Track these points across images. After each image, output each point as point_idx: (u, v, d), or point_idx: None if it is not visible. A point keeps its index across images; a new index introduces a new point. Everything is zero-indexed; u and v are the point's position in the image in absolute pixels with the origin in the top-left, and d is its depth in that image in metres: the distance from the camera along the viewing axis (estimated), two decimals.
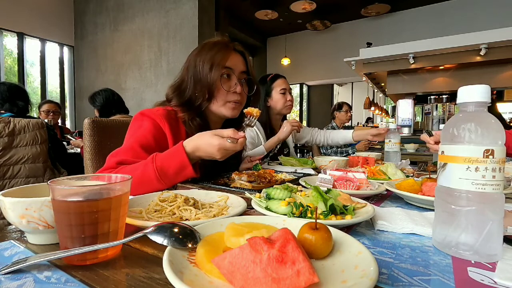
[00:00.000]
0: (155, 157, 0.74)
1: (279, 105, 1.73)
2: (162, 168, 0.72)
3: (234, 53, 0.96)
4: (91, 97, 2.40)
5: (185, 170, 0.74)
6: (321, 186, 0.67)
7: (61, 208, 0.37)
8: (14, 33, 4.69)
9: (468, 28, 4.40)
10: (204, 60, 0.92)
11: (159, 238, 0.37)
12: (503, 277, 0.34)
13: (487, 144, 0.39)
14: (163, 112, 0.91)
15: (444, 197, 0.43)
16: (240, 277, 0.28)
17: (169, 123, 0.89)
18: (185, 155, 0.73)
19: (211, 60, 0.91)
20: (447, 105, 5.37)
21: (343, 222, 0.48)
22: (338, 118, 3.49)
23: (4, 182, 1.50)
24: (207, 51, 0.94)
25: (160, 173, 0.71)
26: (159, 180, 0.72)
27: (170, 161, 0.73)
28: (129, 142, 0.86)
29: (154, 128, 0.88)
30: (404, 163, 1.27)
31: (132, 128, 0.90)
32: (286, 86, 1.74)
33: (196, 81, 0.92)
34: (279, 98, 1.72)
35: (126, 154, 0.83)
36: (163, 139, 0.89)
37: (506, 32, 3.12)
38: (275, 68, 8.54)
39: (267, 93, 1.74)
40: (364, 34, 6.89)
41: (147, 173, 0.72)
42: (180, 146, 0.75)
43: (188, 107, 0.94)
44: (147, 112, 0.90)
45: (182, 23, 4.30)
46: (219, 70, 0.91)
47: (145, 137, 0.86)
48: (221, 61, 0.91)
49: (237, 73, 0.96)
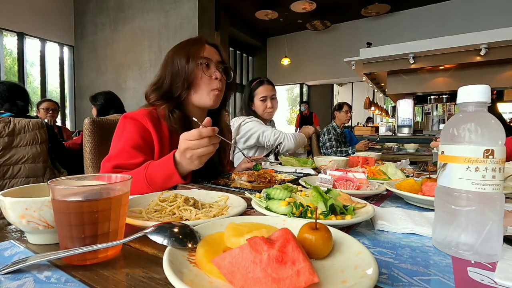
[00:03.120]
0: (148, 165, 0.78)
1: (260, 111, 1.83)
2: (151, 176, 0.76)
3: (208, 46, 1.01)
4: (93, 96, 2.45)
5: (173, 178, 0.76)
6: (321, 186, 0.67)
7: (61, 208, 0.37)
8: (14, 33, 4.69)
9: (468, 28, 4.40)
10: (180, 55, 0.96)
11: (159, 238, 0.37)
12: (503, 277, 0.34)
13: (487, 144, 0.39)
14: (145, 112, 0.94)
15: (444, 197, 0.43)
16: (240, 277, 0.28)
17: (152, 122, 0.93)
18: (173, 164, 0.75)
19: (187, 53, 0.95)
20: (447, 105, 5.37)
21: (343, 222, 0.48)
22: (338, 118, 3.50)
23: (4, 182, 1.50)
24: (182, 47, 0.99)
25: (149, 180, 0.76)
26: (148, 187, 0.76)
27: (159, 170, 0.76)
28: (119, 145, 0.89)
29: (139, 128, 0.91)
30: (404, 163, 1.27)
31: (117, 132, 0.93)
32: (266, 93, 1.81)
33: (174, 75, 0.96)
34: (259, 105, 1.83)
35: (120, 157, 0.86)
36: (149, 137, 0.92)
37: (506, 32, 3.12)
38: (275, 68, 8.54)
39: (250, 98, 1.83)
40: (364, 34, 6.90)
41: (137, 179, 0.76)
42: (171, 155, 0.77)
43: (167, 99, 0.97)
44: (130, 114, 0.94)
45: (182, 23, 4.30)
46: (196, 61, 0.95)
47: (133, 138, 0.89)
48: (196, 52, 0.95)
49: (215, 62, 0.99)
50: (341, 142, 3.46)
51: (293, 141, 1.69)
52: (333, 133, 3.37)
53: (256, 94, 1.82)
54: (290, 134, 1.72)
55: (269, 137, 1.69)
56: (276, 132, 1.70)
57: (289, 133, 1.73)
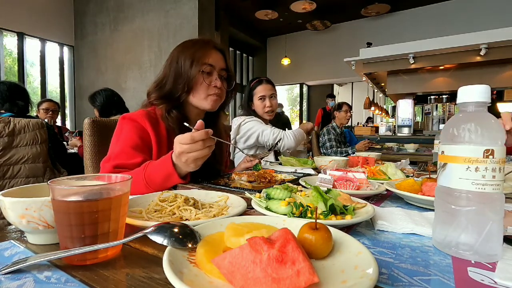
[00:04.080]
0: (147, 165, 0.79)
1: (259, 110, 1.84)
2: (150, 176, 0.77)
3: (215, 51, 1.01)
4: (91, 97, 2.39)
5: (172, 178, 0.76)
6: (321, 186, 0.67)
7: (61, 208, 0.37)
8: (14, 33, 4.69)
9: (468, 28, 4.40)
10: (186, 56, 0.96)
11: (159, 238, 0.37)
12: (503, 277, 0.34)
13: (487, 144, 0.39)
14: (143, 113, 0.95)
15: (444, 197, 0.43)
16: (240, 277, 0.28)
17: (150, 122, 0.93)
18: (171, 164, 0.75)
19: (192, 56, 0.96)
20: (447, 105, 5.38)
21: (343, 222, 0.48)
22: (338, 118, 3.50)
23: (4, 182, 1.50)
24: (189, 48, 0.99)
25: (148, 181, 0.77)
26: (147, 187, 0.77)
27: (158, 170, 0.77)
28: (118, 146, 0.90)
29: (137, 128, 0.92)
30: (404, 163, 1.27)
31: (116, 133, 0.94)
32: (265, 92, 1.81)
33: (177, 76, 0.97)
34: (258, 104, 1.82)
35: (119, 157, 0.87)
36: (147, 138, 0.93)
37: (506, 32, 3.12)
38: (275, 68, 8.54)
39: (250, 97, 1.84)
40: (364, 34, 6.89)
41: (136, 179, 0.77)
42: (169, 156, 0.76)
43: (167, 99, 0.98)
44: (128, 115, 0.95)
45: (182, 23, 4.30)
46: (199, 66, 0.95)
47: (131, 138, 0.90)
48: (201, 57, 0.96)
49: (218, 69, 1.00)
50: (341, 142, 3.46)
51: (292, 139, 1.69)
52: (333, 133, 3.37)
53: (255, 93, 1.82)
54: (289, 132, 1.72)
55: (268, 136, 1.69)
56: (275, 131, 1.70)
57: (288, 131, 1.73)
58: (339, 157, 1.45)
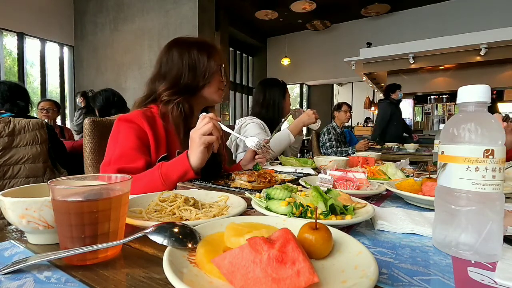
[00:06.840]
0: (161, 165, 0.82)
1: (287, 109, 1.97)
2: (167, 174, 0.80)
3: (220, 51, 1.10)
4: (91, 98, 2.42)
5: (188, 174, 0.82)
6: (321, 186, 0.67)
7: (61, 208, 0.37)
8: (14, 33, 4.69)
9: (468, 28, 4.40)
10: (198, 51, 1.01)
11: (159, 238, 0.37)
12: (503, 277, 0.34)
13: (487, 144, 0.39)
14: (139, 113, 0.95)
15: (444, 197, 0.43)
16: (240, 277, 0.28)
17: (147, 122, 0.94)
18: (187, 161, 0.81)
19: (207, 52, 1.02)
20: (447, 105, 5.38)
21: (343, 222, 0.48)
22: (338, 118, 3.50)
23: (4, 182, 1.50)
24: (198, 44, 1.03)
25: (164, 178, 0.80)
26: (164, 184, 0.80)
27: (175, 168, 0.81)
28: (118, 149, 0.89)
29: (134, 129, 0.92)
30: (404, 163, 1.27)
31: (113, 135, 0.93)
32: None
33: (192, 68, 1.00)
34: (288, 104, 2.00)
35: (122, 160, 0.86)
36: (145, 137, 0.93)
37: (506, 32, 3.13)
38: (275, 68, 8.54)
39: (283, 95, 1.98)
40: (364, 34, 6.89)
41: (152, 178, 0.80)
42: (184, 154, 0.83)
43: (182, 93, 1.00)
44: (123, 117, 0.94)
45: (182, 23, 4.30)
46: (217, 62, 1.03)
47: (130, 139, 0.90)
48: (217, 55, 1.04)
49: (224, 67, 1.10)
50: (341, 142, 3.46)
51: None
52: (333, 133, 3.37)
53: (286, 93, 2.00)
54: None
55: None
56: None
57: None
58: (339, 157, 1.45)
